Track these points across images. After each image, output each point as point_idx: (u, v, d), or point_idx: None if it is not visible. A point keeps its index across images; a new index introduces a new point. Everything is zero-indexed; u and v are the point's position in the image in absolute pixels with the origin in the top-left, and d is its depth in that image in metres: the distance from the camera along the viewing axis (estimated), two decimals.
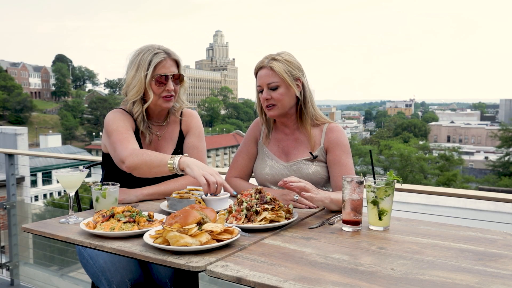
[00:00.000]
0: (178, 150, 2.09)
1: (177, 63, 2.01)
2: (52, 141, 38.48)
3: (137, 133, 2.02)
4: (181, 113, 2.14)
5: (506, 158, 39.68)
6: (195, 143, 2.11)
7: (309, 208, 1.73)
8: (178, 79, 2.01)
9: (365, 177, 1.50)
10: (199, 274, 1.20)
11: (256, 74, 1.98)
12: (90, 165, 2.29)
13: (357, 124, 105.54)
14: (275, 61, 1.92)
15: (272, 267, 1.12)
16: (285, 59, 1.93)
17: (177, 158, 1.66)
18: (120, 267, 1.76)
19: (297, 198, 1.74)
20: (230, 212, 1.52)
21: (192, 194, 1.71)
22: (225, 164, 55.77)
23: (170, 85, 1.96)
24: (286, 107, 1.94)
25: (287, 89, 1.93)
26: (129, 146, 1.83)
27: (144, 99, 1.99)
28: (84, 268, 1.89)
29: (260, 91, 1.96)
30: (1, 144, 11.60)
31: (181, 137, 2.12)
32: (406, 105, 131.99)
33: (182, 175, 1.73)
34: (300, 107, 1.98)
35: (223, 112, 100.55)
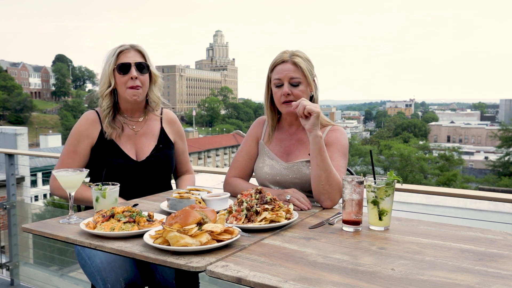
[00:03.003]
0: (160, 145, 2.16)
1: (142, 54, 2.09)
2: (52, 141, 38.41)
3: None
4: (161, 111, 2.24)
5: (506, 158, 39.66)
6: (183, 148, 2.29)
7: (301, 209, 1.72)
8: (144, 68, 2.07)
9: (365, 177, 1.49)
10: (199, 274, 1.20)
11: (273, 68, 1.95)
12: None
13: (357, 124, 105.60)
14: (297, 57, 1.91)
15: (272, 267, 1.12)
16: (306, 57, 1.94)
17: None
18: (116, 266, 1.76)
19: (289, 197, 1.74)
20: (230, 212, 1.52)
21: (192, 194, 1.71)
22: (225, 164, 55.73)
23: (133, 72, 2.03)
24: None
25: (306, 87, 1.93)
26: (57, 167, 2.00)
27: (115, 94, 2.09)
28: (82, 268, 1.90)
29: (278, 85, 1.92)
30: (1, 144, 11.61)
31: (162, 133, 2.20)
32: (406, 105, 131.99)
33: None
34: None
35: (223, 112, 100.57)
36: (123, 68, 2.02)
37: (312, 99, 1.97)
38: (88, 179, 2.15)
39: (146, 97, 2.15)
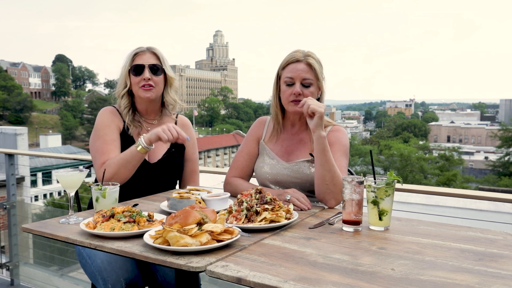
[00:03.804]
0: (172, 149, 2.15)
1: (157, 56, 2.13)
2: (52, 141, 38.44)
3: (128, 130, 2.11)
4: (177, 115, 2.27)
5: (506, 158, 39.66)
6: (191, 155, 2.25)
7: (301, 209, 1.72)
8: (158, 70, 2.10)
9: (365, 177, 1.49)
10: (199, 274, 1.20)
11: (284, 66, 1.94)
12: (90, 165, 2.28)
13: (357, 124, 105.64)
14: (311, 58, 1.91)
15: (272, 267, 1.12)
16: (318, 59, 1.94)
17: (141, 139, 1.88)
18: (116, 266, 1.76)
19: (289, 197, 1.74)
20: (230, 212, 1.52)
21: (192, 194, 1.71)
22: (225, 164, 55.72)
23: (146, 73, 2.07)
24: None
25: (316, 89, 1.93)
26: (103, 158, 1.97)
27: (132, 95, 2.13)
28: (83, 268, 1.90)
29: (289, 83, 1.92)
30: (1, 144, 11.62)
31: None
32: (406, 105, 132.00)
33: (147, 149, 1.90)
34: None
35: (223, 112, 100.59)
36: (136, 69, 2.07)
37: (318, 100, 1.97)
38: (89, 179, 2.15)
39: (162, 100, 2.18)
